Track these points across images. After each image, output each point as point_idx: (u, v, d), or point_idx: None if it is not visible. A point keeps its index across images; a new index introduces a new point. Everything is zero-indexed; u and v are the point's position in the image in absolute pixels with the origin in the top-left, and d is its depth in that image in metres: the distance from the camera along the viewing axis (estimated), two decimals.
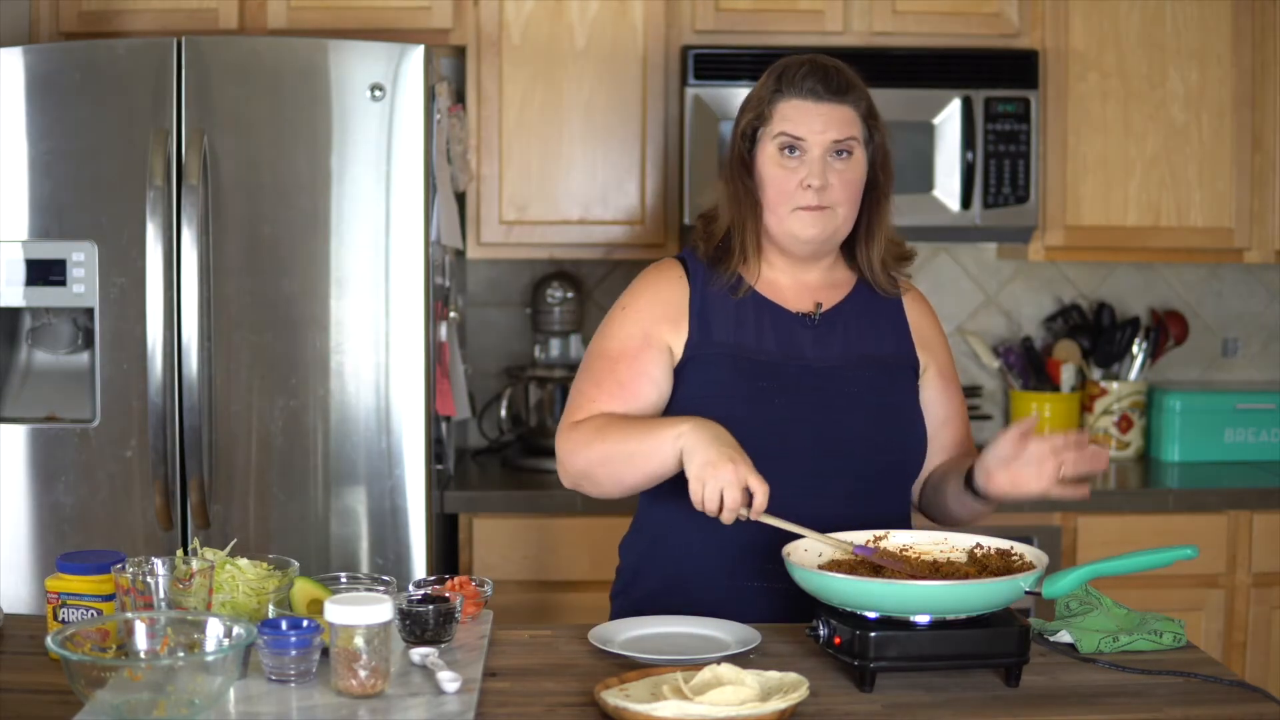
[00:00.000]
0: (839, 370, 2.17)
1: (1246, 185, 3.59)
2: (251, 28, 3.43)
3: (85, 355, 3.08)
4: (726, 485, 1.92)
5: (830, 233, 2.16)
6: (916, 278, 3.86)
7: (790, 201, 2.14)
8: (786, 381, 2.15)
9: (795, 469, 2.09)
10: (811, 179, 2.12)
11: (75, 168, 2.97)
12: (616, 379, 2.17)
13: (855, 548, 1.93)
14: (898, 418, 2.19)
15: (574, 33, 3.50)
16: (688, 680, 1.65)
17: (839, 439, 2.13)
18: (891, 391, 2.20)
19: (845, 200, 2.15)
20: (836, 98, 2.15)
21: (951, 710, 1.69)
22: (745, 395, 2.13)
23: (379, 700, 1.64)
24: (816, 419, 2.14)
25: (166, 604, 1.76)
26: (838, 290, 2.25)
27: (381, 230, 2.97)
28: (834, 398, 2.15)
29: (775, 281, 2.23)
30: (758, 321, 2.19)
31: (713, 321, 2.19)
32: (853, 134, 2.15)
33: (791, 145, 2.14)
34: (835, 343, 2.20)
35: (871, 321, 2.24)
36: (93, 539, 2.98)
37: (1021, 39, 3.55)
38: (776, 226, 2.17)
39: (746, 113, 2.20)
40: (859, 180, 2.17)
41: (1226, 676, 1.81)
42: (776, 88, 2.17)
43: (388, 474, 2.99)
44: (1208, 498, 3.40)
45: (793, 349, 2.18)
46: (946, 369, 2.31)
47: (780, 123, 2.15)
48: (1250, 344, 4.00)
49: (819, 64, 2.17)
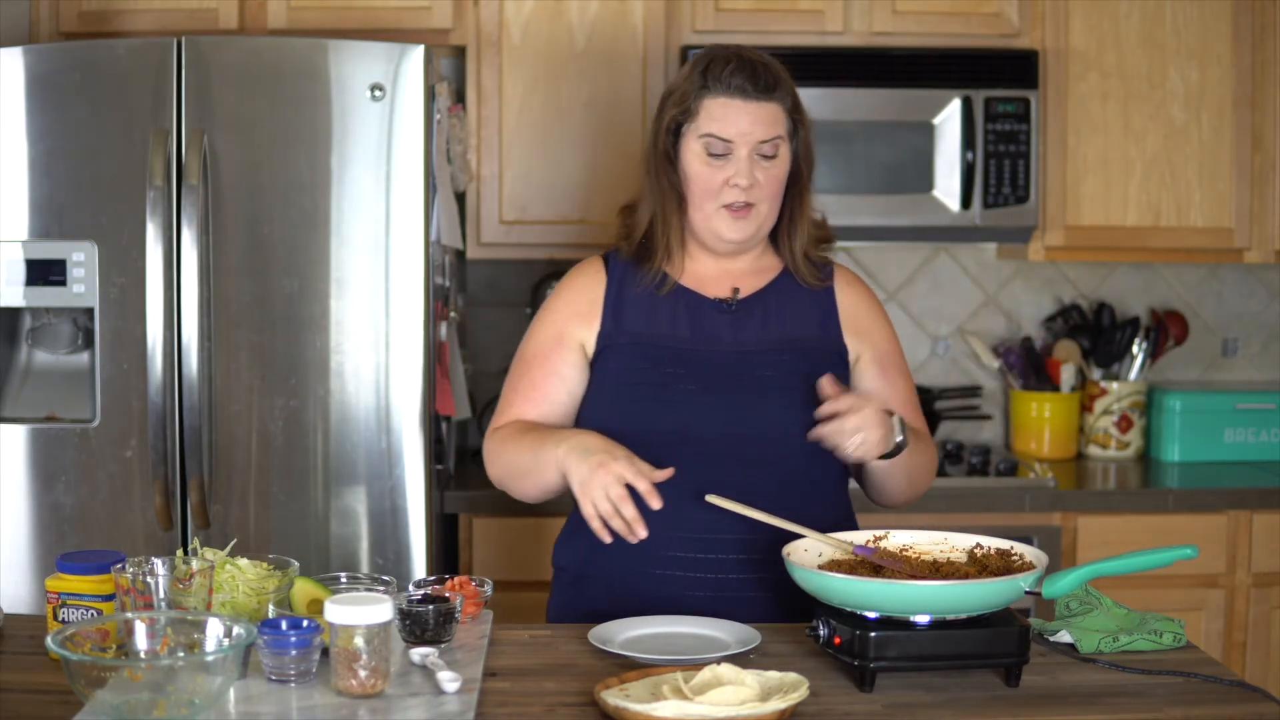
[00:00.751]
0: (754, 354, 2.16)
1: (1246, 185, 3.59)
2: (251, 28, 3.43)
3: (85, 355, 3.08)
4: (607, 490, 1.93)
5: (753, 233, 2.17)
6: (918, 278, 3.91)
7: (715, 199, 2.13)
8: (697, 367, 2.14)
9: (709, 453, 2.09)
10: (739, 179, 2.11)
11: (75, 168, 2.97)
12: (530, 381, 2.21)
13: (855, 548, 1.93)
14: (816, 400, 2.13)
15: (574, 33, 3.50)
16: (688, 680, 1.65)
17: (753, 422, 2.11)
18: (811, 375, 2.14)
19: (770, 197, 2.15)
20: (764, 95, 2.13)
21: (951, 710, 1.69)
22: (655, 382, 2.13)
23: (379, 700, 1.64)
24: (729, 402, 2.12)
25: (166, 604, 1.76)
26: (763, 276, 2.24)
27: (381, 230, 2.97)
28: (748, 381, 2.13)
29: (698, 272, 2.22)
30: (673, 309, 2.19)
31: (626, 312, 2.19)
32: (779, 132, 2.14)
33: (719, 146, 2.13)
34: (753, 327, 2.18)
35: (795, 306, 2.22)
36: (93, 539, 2.98)
37: (1021, 39, 3.55)
38: (701, 224, 2.16)
39: (671, 107, 2.18)
40: (783, 178, 2.17)
41: (1226, 676, 1.81)
42: (703, 83, 2.14)
43: (388, 474, 2.99)
44: (1208, 498, 3.40)
45: (707, 334, 2.17)
46: (886, 356, 2.26)
47: (707, 121, 2.13)
48: (1250, 344, 4.00)
49: (746, 59, 2.14)
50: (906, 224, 3.51)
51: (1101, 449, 3.78)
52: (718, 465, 2.09)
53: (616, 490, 1.93)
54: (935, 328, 3.93)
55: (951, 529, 2.03)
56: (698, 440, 2.10)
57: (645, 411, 2.11)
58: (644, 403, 2.12)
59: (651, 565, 2.10)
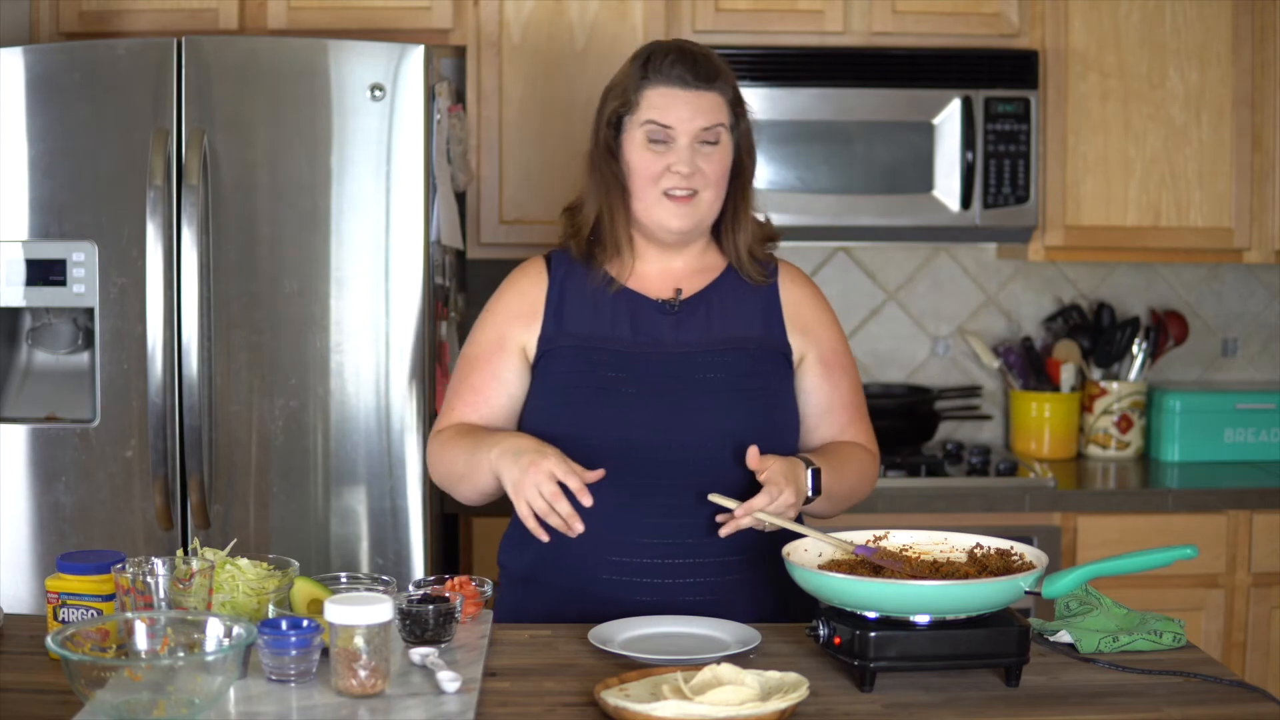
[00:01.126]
0: (696, 355, 2.15)
1: (1246, 185, 3.59)
2: (251, 28, 3.43)
3: (85, 355, 3.08)
4: (539, 488, 1.94)
5: (697, 221, 2.16)
6: (918, 278, 3.91)
7: (657, 186, 2.13)
8: (638, 370, 2.13)
9: (651, 457, 2.08)
10: (679, 165, 2.11)
11: (75, 168, 2.97)
12: (471, 385, 2.20)
13: (856, 548, 1.93)
14: (759, 401, 2.15)
15: (574, 33, 3.50)
16: (688, 680, 1.65)
17: (694, 425, 2.11)
18: (754, 375, 2.16)
19: (712, 185, 2.15)
20: (704, 84, 2.14)
21: (951, 710, 1.69)
22: (595, 385, 2.12)
23: (379, 700, 1.64)
24: (670, 405, 2.11)
25: (166, 604, 1.76)
26: (706, 275, 2.23)
27: (381, 230, 2.97)
28: (690, 384, 2.13)
29: (643, 272, 2.22)
30: (615, 311, 2.18)
31: (568, 314, 2.18)
32: (720, 121, 2.15)
33: (659, 133, 2.13)
34: (696, 327, 2.17)
35: (739, 306, 2.21)
36: (93, 539, 2.98)
37: (1021, 39, 3.55)
38: (644, 214, 2.16)
39: (611, 100, 2.19)
40: (725, 167, 2.17)
41: (1226, 676, 1.81)
42: (643, 74, 2.15)
43: (388, 474, 2.99)
44: (1208, 498, 3.40)
45: (648, 336, 2.16)
46: (832, 356, 2.24)
47: (648, 110, 2.14)
48: (1250, 344, 4.00)
49: (686, 50, 2.16)
50: (906, 224, 3.51)
51: (1101, 449, 3.78)
52: (659, 468, 2.09)
53: (549, 488, 1.94)
54: (935, 328, 3.93)
55: (951, 529, 2.03)
56: (639, 444, 2.09)
57: (586, 416, 2.10)
58: (585, 406, 2.12)
59: (598, 570, 2.10)
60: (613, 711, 1.63)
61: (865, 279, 3.90)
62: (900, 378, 3.93)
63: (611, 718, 1.63)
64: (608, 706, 1.63)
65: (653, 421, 2.10)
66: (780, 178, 3.47)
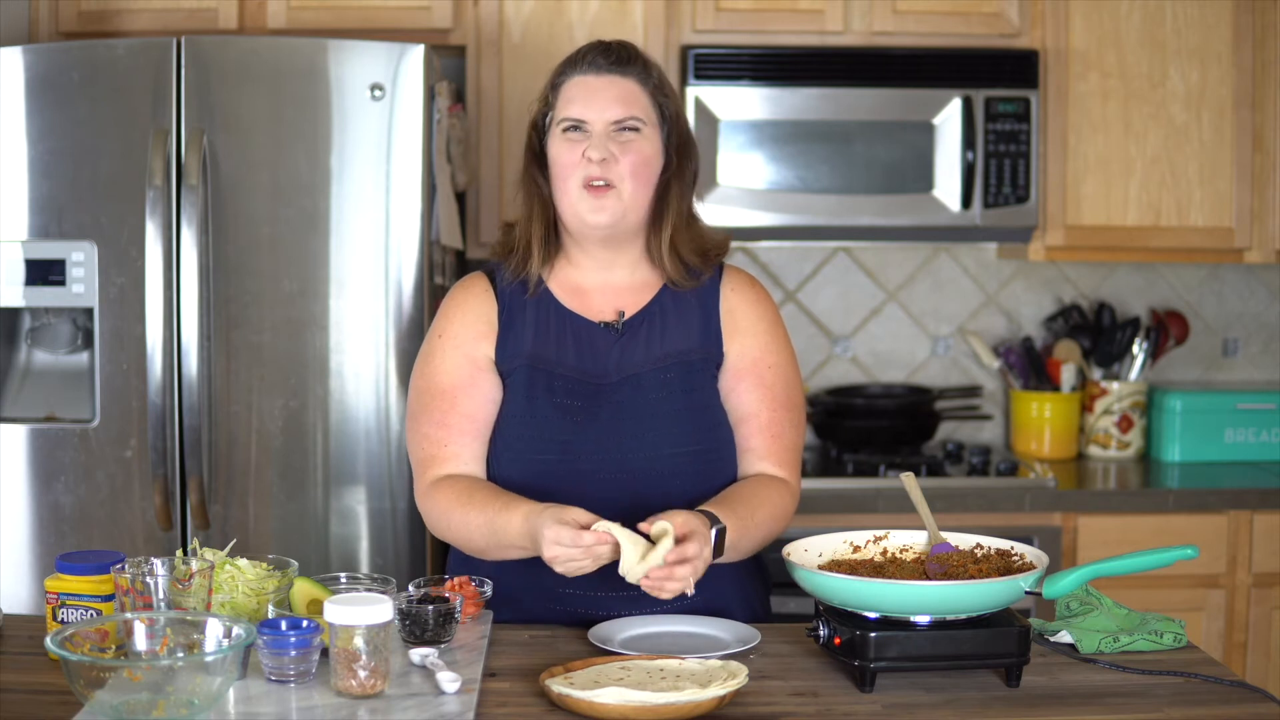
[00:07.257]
0: (642, 376, 2.11)
1: (1247, 185, 3.59)
2: (251, 28, 3.43)
3: (85, 355, 3.08)
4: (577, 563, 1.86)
5: (619, 215, 2.10)
6: (918, 278, 3.91)
7: (575, 176, 2.09)
8: (585, 398, 2.09)
9: (600, 480, 2.06)
10: (591, 151, 2.08)
11: (75, 168, 2.97)
12: (461, 412, 2.11)
13: (934, 547, 1.95)
14: (702, 416, 2.12)
15: (574, 33, 3.49)
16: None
17: (640, 448, 2.08)
18: (695, 390, 2.12)
19: (631, 177, 2.09)
20: (617, 69, 2.11)
21: (951, 710, 1.69)
22: (544, 415, 2.09)
23: (379, 700, 1.64)
24: (618, 431, 2.08)
25: (166, 604, 1.76)
26: (647, 291, 2.18)
27: (381, 230, 2.97)
28: (638, 407, 2.09)
29: (579, 286, 2.18)
30: (559, 334, 2.14)
31: (517, 332, 2.14)
32: (636, 111, 2.11)
33: (575, 126, 2.11)
34: (638, 348, 2.13)
35: (680, 317, 2.16)
36: (92, 539, 2.98)
37: (1021, 39, 3.54)
38: (568, 210, 2.12)
39: (537, 103, 2.18)
40: (646, 159, 2.11)
41: (1227, 677, 1.81)
42: (561, 70, 2.15)
43: (387, 474, 2.99)
44: (1208, 498, 3.40)
45: (594, 363, 2.12)
46: (761, 360, 2.16)
47: (564, 106, 2.12)
48: (1250, 344, 4.00)
49: (602, 42, 2.16)
50: (906, 224, 3.51)
51: (1102, 449, 3.78)
52: (608, 492, 2.05)
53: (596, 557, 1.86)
54: (935, 328, 3.93)
55: (951, 529, 2.03)
56: (587, 471, 2.06)
57: (534, 445, 2.08)
58: (539, 433, 2.09)
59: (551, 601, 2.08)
60: (556, 699, 1.64)
61: (865, 279, 3.90)
62: (900, 378, 3.93)
63: (556, 705, 1.64)
64: (552, 694, 1.65)
65: (600, 447, 2.07)
66: (780, 178, 3.47)
